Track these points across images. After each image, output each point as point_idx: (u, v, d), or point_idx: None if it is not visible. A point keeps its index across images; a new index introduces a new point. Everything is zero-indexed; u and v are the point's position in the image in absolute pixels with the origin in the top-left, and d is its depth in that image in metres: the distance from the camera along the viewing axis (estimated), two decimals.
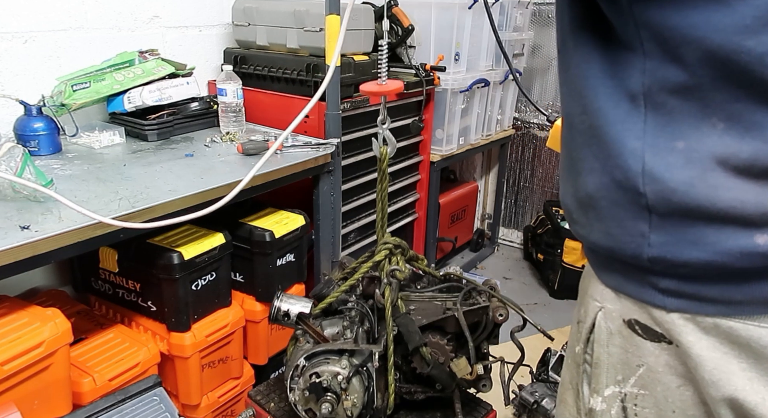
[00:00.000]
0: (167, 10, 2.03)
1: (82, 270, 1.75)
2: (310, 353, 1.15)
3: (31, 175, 1.25)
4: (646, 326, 0.68)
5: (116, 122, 1.84)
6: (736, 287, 0.61)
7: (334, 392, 1.13)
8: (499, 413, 1.58)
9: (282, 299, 1.24)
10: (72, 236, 1.17)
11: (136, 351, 1.46)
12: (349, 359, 1.14)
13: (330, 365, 1.14)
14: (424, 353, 1.17)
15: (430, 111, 2.44)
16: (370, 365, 1.15)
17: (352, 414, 1.14)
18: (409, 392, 1.27)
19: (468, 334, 1.16)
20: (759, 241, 0.57)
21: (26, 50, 1.70)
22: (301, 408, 1.16)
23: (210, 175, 1.51)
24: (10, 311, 1.20)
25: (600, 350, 0.73)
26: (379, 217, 1.34)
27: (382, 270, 1.21)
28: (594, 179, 0.67)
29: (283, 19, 2.00)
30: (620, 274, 0.70)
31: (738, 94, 0.55)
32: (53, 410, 1.22)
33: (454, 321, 1.19)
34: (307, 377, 1.14)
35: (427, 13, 2.38)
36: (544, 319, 2.63)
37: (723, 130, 0.57)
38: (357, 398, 1.14)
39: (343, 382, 1.13)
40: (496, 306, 1.21)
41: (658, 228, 0.62)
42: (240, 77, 1.89)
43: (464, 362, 1.18)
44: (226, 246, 1.60)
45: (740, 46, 0.53)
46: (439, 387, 1.25)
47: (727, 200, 0.57)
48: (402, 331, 1.16)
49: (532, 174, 3.26)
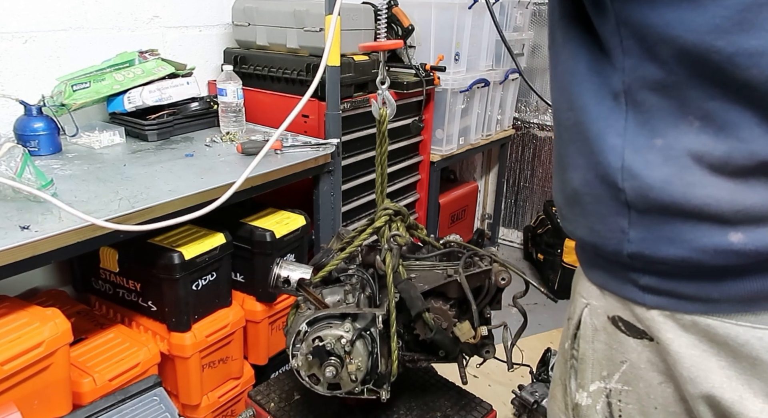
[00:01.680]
0: (167, 10, 2.03)
1: (82, 270, 1.75)
2: (312, 318, 1.12)
3: (31, 175, 1.25)
4: (629, 322, 0.69)
5: (116, 122, 1.84)
6: (712, 285, 0.61)
7: (338, 356, 1.10)
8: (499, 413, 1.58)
9: (281, 266, 1.21)
10: (72, 236, 1.17)
11: (136, 351, 1.46)
12: (352, 323, 1.12)
13: (333, 329, 1.11)
14: (427, 319, 1.15)
15: (430, 111, 2.44)
16: (374, 329, 1.12)
17: (356, 378, 1.11)
18: (412, 360, 1.24)
19: (471, 297, 1.14)
20: (733, 239, 0.58)
21: (26, 50, 1.70)
22: (304, 374, 1.13)
23: (210, 175, 1.51)
24: (10, 311, 1.20)
25: (585, 346, 0.75)
26: (378, 182, 1.31)
27: (383, 237, 1.19)
28: (579, 175, 0.68)
29: (283, 19, 2.00)
30: (604, 271, 0.71)
31: (712, 93, 0.56)
32: (53, 410, 1.22)
33: (456, 286, 1.17)
34: (310, 341, 1.10)
35: (427, 13, 2.38)
36: (544, 319, 2.63)
37: (699, 128, 0.58)
38: (361, 361, 1.11)
39: (347, 345, 1.10)
40: (498, 270, 1.18)
41: (636, 224, 0.63)
42: (240, 77, 1.89)
43: (467, 325, 1.17)
44: (227, 246, 1.60)
45: (711, 45, 0.54)
46: (442, 354, 1.23)
47: (701, 197, 0.58)
48: (404, 297, 1.14)
49: (532, 174, 3.26)
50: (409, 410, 1.39)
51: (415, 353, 1.24)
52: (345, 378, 1.11)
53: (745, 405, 0.61)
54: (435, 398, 1.44)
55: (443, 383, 1.51)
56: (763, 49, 0.52)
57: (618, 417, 0.73)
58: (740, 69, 0.53)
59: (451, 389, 1.49)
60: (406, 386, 1.50)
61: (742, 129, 0.56)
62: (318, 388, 1.14)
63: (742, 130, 0.56)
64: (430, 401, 1.43)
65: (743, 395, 0.62)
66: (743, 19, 0.52)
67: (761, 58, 0.52)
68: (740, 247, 0.58)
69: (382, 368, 1.14)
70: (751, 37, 0.52)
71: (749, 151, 0.56)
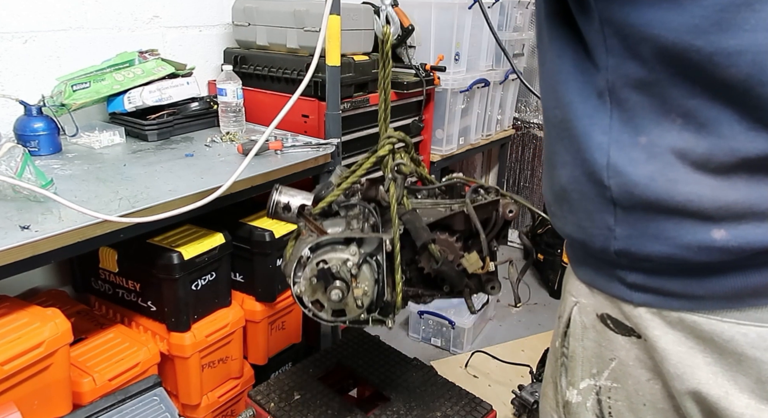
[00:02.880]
0: (167, 10, 2.03)
1: (82, 270, 1.75)
2: (314, 243, 1.05)
3: (31, 175, 1.25)
4: (617, 320, 0.70)
5: (116, 122, 1.84)
6: (697, 282, 0.62)
7: (344, 280, 1.03)
8: (499, 413, 1.58)
9: (281, 192, 1.16)
10: (72, 235, 1.17)
11: (136, 351, 1.46)
12: (358, 248, 1.06)
13: (338, 253, 1.05)
14: (433, 250, 1.09)
15: (430, 111, 2.44)
16: (380, 256, 1.07)
17: (362, 304, 1.05)
18: (416, 295, 1.19)
19: (479, 226, 1.09)
20: (715, 235, 0.58)
21: (26, 50, 1.70)
22: (308, 300, 1.06)
23: (210, 175, 1.51)
24: (10, 311, 1.20)
25: (575, 344, 0.75)
26: (382, 108, 1.22)
27: (386, 167, 1.13)
28: (566, 172, 0.68)
29: (283, 19, 2.00)
30: (592, 268, 0.72)
31: (693, 91, 0.57)
32: (53, 410, 1.22)
33: (463, 219, 1.13)
34: (314, 265, 1.03)
35: (427, 13, 2.38)
36: (544, 319, 2.63)
37: (681, 125, 0.58)
38: (368, 286, 1.05)
39: (353, 268, 1.03)
40: (506, 202, 1.13)
41: (622, 221, 0.64)
42: (240, 77, 1.89)
43: (475, 256, 1.11)
44: (226, 246, 1.61)
45: (691, 44, 0.54)
46: (447, 289, 1.18)
47: (685, 194, 0.59)
48: (409, 228, 1.08)
49: (532, 174, 3.26)
50: (409, 410, 1.39)
51: (419, 288, 1.18)
52: (351, 304, 1.05)
53: (731, 400, 0.62)
54: (435, 398, 1.44)
55: (443, 383, 1.51)
56: (741, 49, 0.53)
57: (608, 414, 0.74)
58: (719, 68, 0.54)
59: (451, 389, 1.49)
60: (406, 386, 1.50)
61: (723, 126, 0.56)
62: (322, 315, 1.07)
63: (722, 127, 0.56)
64: (430, 401, 1.43)
65: (729, 390, 0.62)
66: (721, 19, 0.52)
67: (739, 57, 0.53)
68: (723, 243, 0.58)
69: (387, 296, 1.08)
70: (730, 37, 0.53)
71: (730, 148, 0.56)
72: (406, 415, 1.38)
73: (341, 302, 1.03)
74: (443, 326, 2.35)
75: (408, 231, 1.09)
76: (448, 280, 1.15)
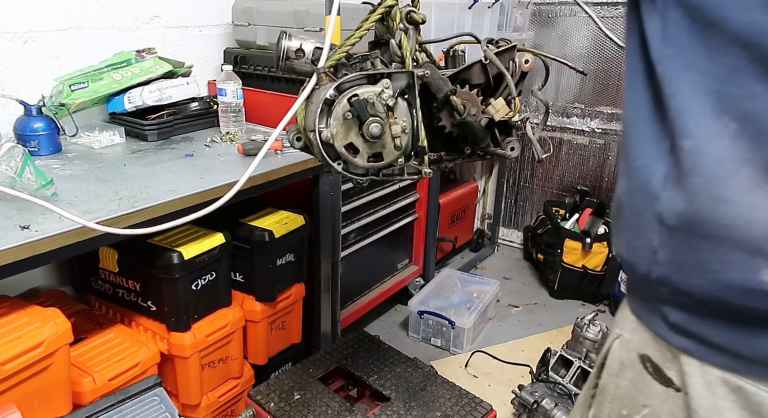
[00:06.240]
0: (167, 10, 2.03)
1: (82, 270, 1.75)
2: (340, 81, 0.93)
3: (31, 175, 1.25)
4: (657, 365, 0.62)
5: (116, 122, 1.84)
6: (743, 337, 0.52)
7: (379, 115, 0.92)
8: (499, 413, 1.58)
9: (290, 37, 1.04)
10: (72, 235, 1.17)
11: (136, 351, 1.46)
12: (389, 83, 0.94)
13: (369, 87, 0.93)
14: (455, 102, 1.00)
15: None
16: (411, 95, 0.96)
17: (400, 144, 0.93)
18: (437, 160, 1.11)
19: (503, 68, 1.01)
20: (764, 277, 0.48)
21: (26, 50, 1.70)
22: (341, 143, 0.93)
23: (210, 175, 1.51)
24: (10, 311, 1.20)
25: (608, 379, 0.69)
26: None
27: (394, 19, 1.02)
28: (623, 182, 0.63)
29: (283, 19, 2.00)
30: (639, 297, 0.65)
31: (756, 90, 0.49)
32: (53, 410, 1.22)
33: (479, 71, 1.06)
34: (345, 102, 0.91)
35: (427, 13, 2.36)
36: (544, 319, 2.63)
37: (735, 131, 0.50)
38: (406, 121, 0.94)
39: (390, 99, 0.92)
40: (521, 52, 1.05)
41: (666, 243, 0.57)
42: (240, 77, 1.89)
43: (502, 101, 1.03)
44: (226, 246, 1.61)
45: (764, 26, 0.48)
46: (468, 150, 1.09)
47: (731, 218, 0.49)
48: (428, 81, 0.99)
49: (532, 174, 3.26)
50: (409, 410, 1.39)
51: (439, 153, 1.10)
52: (388, 144, 0.94)
53: None
54: (435, 398, 1.44)
55: (443, 383, 1.51)
56: None
57: None
58: None
59: (451, 389, 1.49)
60: (406, 386, 1.50)
61: None
62: (357, 160, 0.95)
63: None
64: (430, 401, 1.43)
65: None
66: None
67: None
68: None
69: (422, 140, 0.97)
70: None
71: None
72: (406, 415, 1.38)
73: (380, 141, 0.93)
74: (443, 326, 2.35)
75: (426, 86, 0.99)
76: (471, 135, 1.05)
